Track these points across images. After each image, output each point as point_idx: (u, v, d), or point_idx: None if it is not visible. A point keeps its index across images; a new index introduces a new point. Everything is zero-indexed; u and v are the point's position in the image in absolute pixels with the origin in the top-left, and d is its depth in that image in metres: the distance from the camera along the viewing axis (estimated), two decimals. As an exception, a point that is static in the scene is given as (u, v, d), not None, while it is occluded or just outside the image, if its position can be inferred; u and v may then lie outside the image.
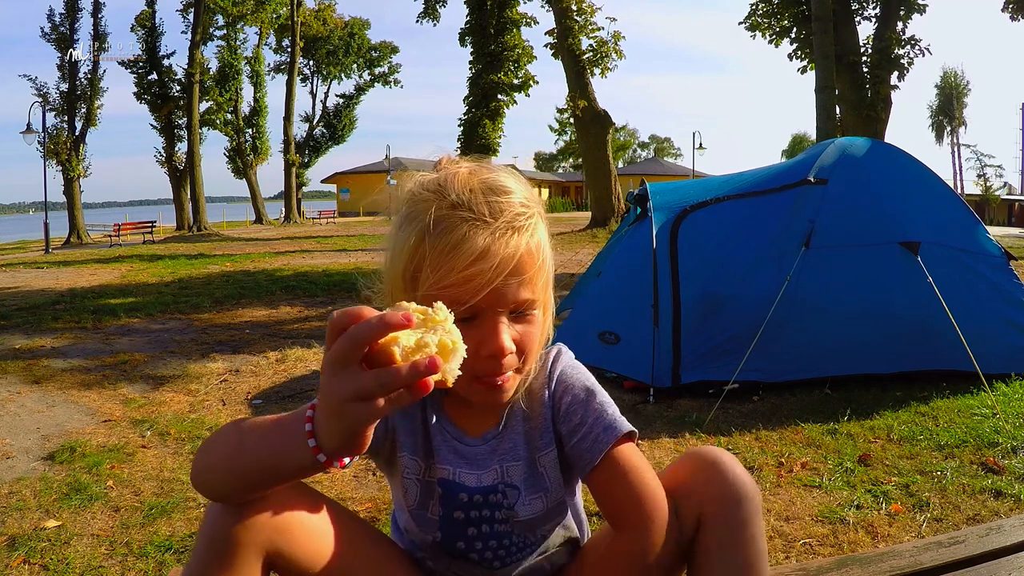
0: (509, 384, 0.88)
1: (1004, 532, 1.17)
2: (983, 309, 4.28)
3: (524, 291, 0.84)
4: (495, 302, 0.82)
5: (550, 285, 0.91)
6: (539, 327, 0.88)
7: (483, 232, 0.81)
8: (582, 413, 0.92)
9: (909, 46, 16.65)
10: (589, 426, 0.90)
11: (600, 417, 0.91)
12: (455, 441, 0.97)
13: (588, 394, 0.93)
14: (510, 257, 0.81)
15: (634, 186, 5.95)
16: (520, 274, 0.82)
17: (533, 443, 0.96)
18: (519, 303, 0.84)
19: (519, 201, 0.85)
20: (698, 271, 4.47)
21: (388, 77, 44.15)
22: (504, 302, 0.83)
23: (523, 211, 0.84)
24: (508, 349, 0.84)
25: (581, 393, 0.94)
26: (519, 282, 0.83)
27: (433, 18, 25.91)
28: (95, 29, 28.68)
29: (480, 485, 0.96)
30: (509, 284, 0.82)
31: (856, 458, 3.28)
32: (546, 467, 0.96)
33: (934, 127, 52.43)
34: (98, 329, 7.12)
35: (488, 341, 0.83)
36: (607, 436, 0.89)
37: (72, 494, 3.05)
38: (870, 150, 4.88)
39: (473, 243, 0.80)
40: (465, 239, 0.80)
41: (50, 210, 22.50)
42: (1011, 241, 13.41)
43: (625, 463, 0.87)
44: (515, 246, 0.82)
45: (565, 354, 1.01)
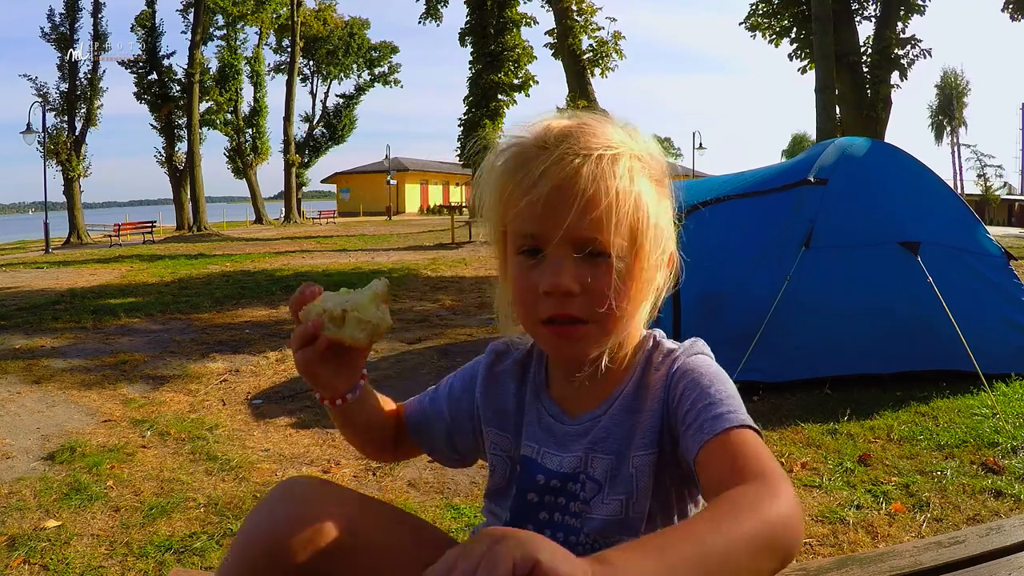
0: (579, 335, 0.81)
1: (1004, 532, 1.17)
2: (983, 309, 4.28)
3: (591, 228, 0.77)
4: (555, 233, 0.77)
5: (649, 241, 0.81)
6: (622, 278, 0.80)
7: (546, 157, 0.78)
8: (695, 396, 0.81)
9: (909, 46, 16.65)
10: (702, 409, 0.78)
11: (718, 403, 0.79)
12: (550, 418, 0.93)
13: (711, 381, 0.82)
14: (568, 181, 0.76)
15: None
16: (584, 205, 0.76)
17: (632, 439, 0.86)
18: (583, 239, 0.78)
19: (599, 137, 0.80)
20: (698, 271, 4.39)
21: (388, 77, 44.17)
22: (566, 235, 0.77)
23: (598, 145, 0.79)
24: (565, 286, 0.78)
25: (703, 379, 0.83)
26: (583, 215, 0.76)
27: (436, 18, 25.90)
28: (95, 29, 28.70)
29: (560, 470, 0.90)
30: (571, 215, 0.76)
31: (856, 458, 3.28)
32: (638, 468, 0.85)
33: (934, 127, 52.46)
34: (98, 329, 7.12)
35: (546, 276, 0.79)
36: (721, 422, 0.76)
37: (72, 494, 3.05)
38: (870, 150, 4.88)
39: (533, 166, 0.78)
40: (527, 163, 0.79)
41: (50, 210, 22.50)
42: (1011, 241, 13.42)
43: (743, 446, 0.73)
44: (573, 171, 0.76)
45: (699, 348, 0.91)
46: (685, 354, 0.88)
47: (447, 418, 1.01)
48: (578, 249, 0.78)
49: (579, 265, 0.79)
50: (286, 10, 36.26)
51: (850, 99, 15.70)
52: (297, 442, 3.75)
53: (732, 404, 0.79)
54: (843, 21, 15.57)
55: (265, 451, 3.63)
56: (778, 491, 0.63)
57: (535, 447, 0.93)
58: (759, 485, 0.64)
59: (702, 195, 4.87)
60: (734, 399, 0.80)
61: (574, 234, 0.77)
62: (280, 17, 36.53)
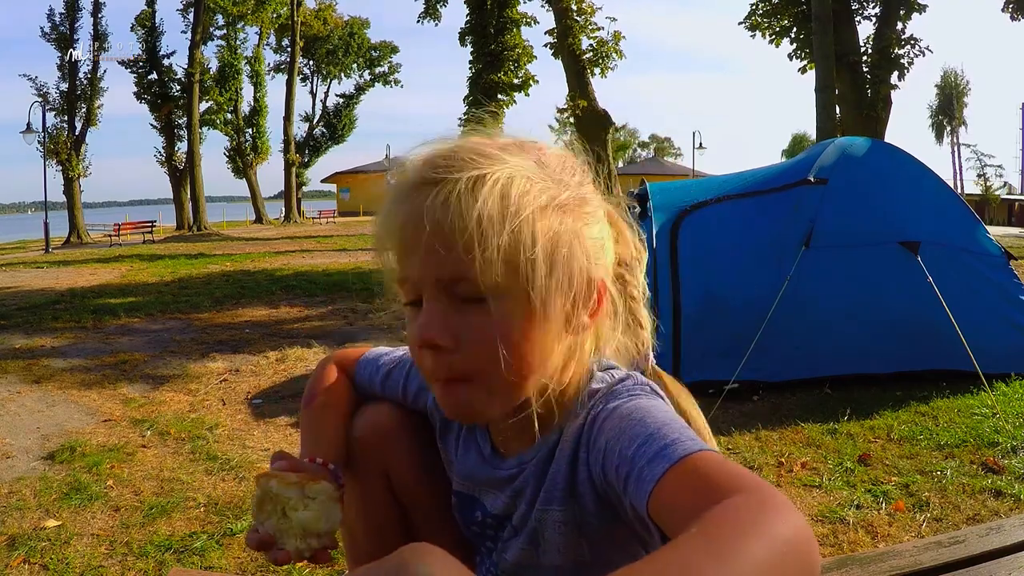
0: (463, 396, 0.69)
1: (1004, 532, 1.17)
2: (983, 309, 4.28)
3: (454, 266, 0.64)
4: (418, 276, 0.68)
5: (542, 275, 0.66)
6: (511, 324, 0.66)
7: (406, 192, 0.68)
8: (622, 446, 0.64)
9: (909, 46, 16.66)
10: (635, 456, 0.62)
11: (654, 440, 0.61)
12: (482, 459, 0.85)
13: (637, 421, 0.66)
14: (423, 213, 0.65)
15: (634, 186, 5.95)
16: (441, 238, 0.64)
17: (545, 492, 0.77)
18: (447, 280, 0.66)
19: (468, 159, 0.66)
20: (698, 271, 4.47)
21: (388, 77, 44.14)
22: (428, 277, 0.66)
23: (462, 167, 0.65)
24: (430, 338, 0.66)
25: (626, 424, 0.66)
26: (444, 250, 0.64)
27: (434, 18, 25.89)
28: (95, 29, 28.69)
29: (493, 511, 0.85)
30: (428, 251, 0.65)
31: (856, 458, 3.28)
32: (545, 524, 0.77)
33: (934, 127, 52.43)
34: (98, 329, 7.12)
35: (415, 327, 0.69)
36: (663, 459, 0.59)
37: (72, 494, 3.05)
38: (870, 150, 4.88)
39: (395, 205, 0.69)
40: (391, 202, 0.69)
41: (50, 210, 22.50)
42: (1011, 241, 13.41)
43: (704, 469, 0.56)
44: (429, 201, 0.65)
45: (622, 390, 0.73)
46: (603, 405, 0.72)
47: (400, 399, 0.97)
48: (448, 293, 0.67)
49: (453, 312, 0.67)
50: (286, 10, 36.24)
51: (850, 99, 15.69)
52: (297, 441, 3.74)
53: (672, 434, 0.62)
54: (843, 21, 15.57)
55: (265, 451, 3.63)
56: (776, 499, 0.49)
57: (471, 484, 0.87)
58: (748, 496, 0.49)
59: (702, 195, 4.87)
60: (673, 427, 0.63)
61: (437, 274, 0.66)
62: (280, 17, 36.51)
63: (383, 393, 0.97)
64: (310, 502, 0.79)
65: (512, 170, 0.67)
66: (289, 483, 0.79)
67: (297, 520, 0.78)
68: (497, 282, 0.65)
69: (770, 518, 0.46)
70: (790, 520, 0.46)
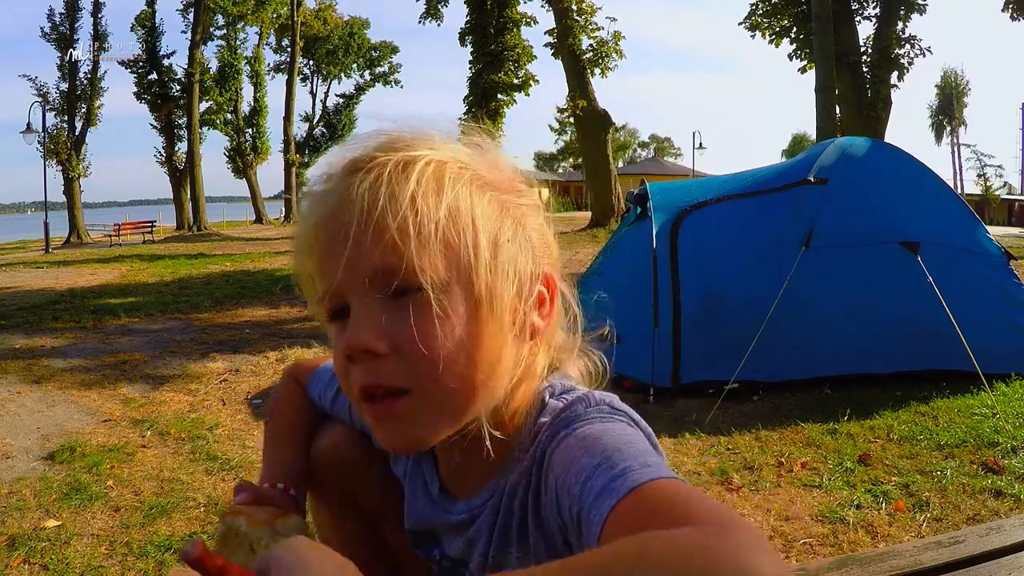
0: (400, 412, 0.59)
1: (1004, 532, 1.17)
2: (983, 309, 4.28)
3: (386, 253, 0.56)
4: (346, 276, 0.58)
5: (486, 264, 0.59)
6: (451, 323, 0.57)
7: (329, 189, 0.61)
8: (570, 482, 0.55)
9: (909, 46, 16.67)
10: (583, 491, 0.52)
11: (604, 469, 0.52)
12: (431, 502, 0.76)
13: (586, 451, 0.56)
14: (346, 203, 0.57)
15: (634, 186, 5.95)
16: (368, 224, 0.56)
17: (491, 539, 0.68)
18: (378, 270, 0.57)
19: (395, 148, 0.60)
20: (698, 271, 4.47)
21: (388, 77, 44.15)
22: (356, 273, 0.57)
23: (389, 153, 0.59)
24: (361, 342, 0.57)
25: (576, 455, 0.56)
26: (372, 239, 0.56)
27: (436, 18, 25.92)
28: (95, 29, 28.70)
29: (450, 553, 0.75)
30: (353, 241, 0.57)
31: (856, 458, 3.28)
32: (506, 564, 0.67)
33: (934, 127, 52.44)
34: (98, 329, 7.12)
35: (343, 336, 0.59)
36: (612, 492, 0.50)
37: (72, 494, 3.05)
38: (870, 150, 4.89)
39: (316, 205, 0.61)
40: (312, 205, 0.62)
41: (50, 210, 22.50)
42: (1011, 241, 13.41)
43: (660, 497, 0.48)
44: (352, 189, 0.57)
45: (574, 416, 0.61)
46: (552, 438, 0.61)
47: (349, 423, 0.90)
48: (380, 290, 0.57)
49: (386, 312, 0.57)
50: (286, 10, 36.24)
51: (850, 99, 15.71)
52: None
53: (622, 462, 0.51)
54: (843, 21, 15.58)
55: (265, 451, 3.63)
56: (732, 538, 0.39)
57: (425, 524, 0.78)
58: (698, 529, 0.41)
59: (702, 195, 4.88)
60: (624, 453, 0.53)
61: (365, 267, 0.57)
62: (280, 17, 36.51)
63: (332, 413, 0.91)
64: (281, 539, 0.73)
65: (445, 153, 0.61)
66: (258, 522, 0.74)
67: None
68: (437, 270, 0.57)
69: (714, 558, 0.38)
70: (744, 562, 0.37)
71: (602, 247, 7.14)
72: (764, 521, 2.69)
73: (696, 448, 3.52)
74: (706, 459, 3.36)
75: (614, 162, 22.62)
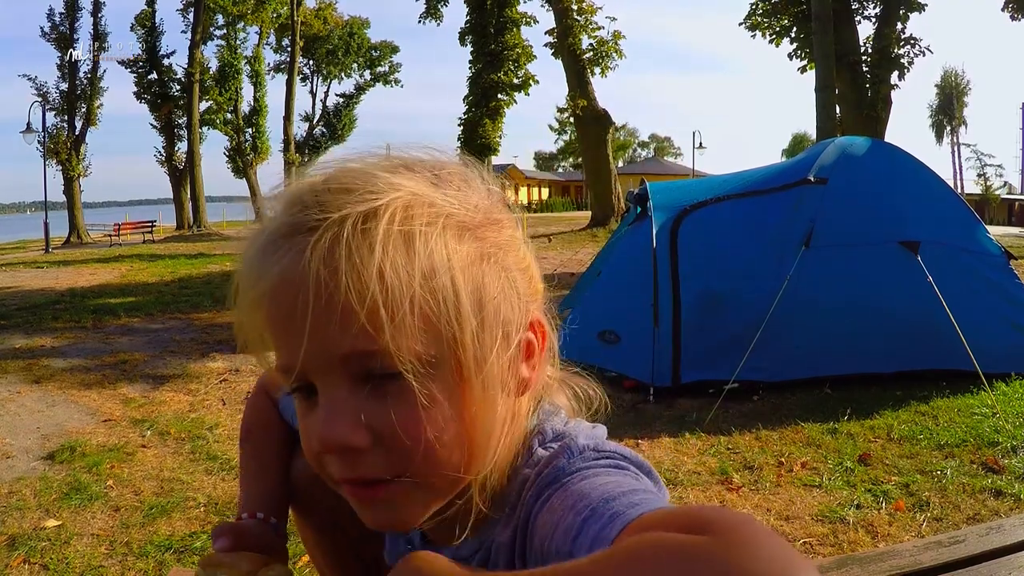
0: (387, 497, 0.53)
1: (1004, 532, 1.17)
2: (983, 309, 4.28)
3: (357, 340, 0.48)
4: (309, 360, 0.50)
5: (472, 328, 0.51)
6: (440, 400, 0.51)
7: (273, 246, 0.51)
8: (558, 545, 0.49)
9: (909, 45, 16.68)
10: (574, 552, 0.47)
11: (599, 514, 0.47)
12: (408, 542, 0.70)
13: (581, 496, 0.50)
14: (298, 278, 0.48)
15: (634, 185, 5.96)
16: (330, 307, 0.47)
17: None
18: (350, 359, 0.49)
19: (347, 191, 0.50)
20: (698, 270, 4.47)
21: (388, 77, 44.15)
22: (320, 359, 0.50)
23: (341, 206, 0.49)
24: (340, 440, 0.50)
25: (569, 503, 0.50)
26: (339, 324, 0.48)
27: (436, 18, 25.93)
28: (95, 29, 28.70)
29: None
30: (314, 328, 0.48)
31: (856, 458, 3.28)
32: None
33: (934, 127, 52.45)
34: (98, 329, 7.12)
35: (315, 429, 0.52)
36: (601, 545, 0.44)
37: (72, 494, 3.05)
38: (870, 149, 4.89)
39: (260, 266, 0.52)
40: (253, 263, 0.52)
41: (50, 210, 22.51)
42: (1011, 241, 13.41)
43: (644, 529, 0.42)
44: (303, 259, 0.48)
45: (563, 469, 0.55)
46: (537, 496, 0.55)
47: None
48: (350, 375, 0.50)
49: (363, 400, 0.50)
50: (286, 9, 36.24)
51: (850, 99, 15.71)
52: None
53: (611, 508, 0.46)
54: (843, 21, 15.58)
55: (265, 451, 3.63)
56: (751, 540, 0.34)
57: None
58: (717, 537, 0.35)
59: (702, 195, 4.88)
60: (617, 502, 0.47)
61: (332, 351, 0.49)
62: (280, 16, 36.51)
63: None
64: None
65: (408, 197, 0.50)
66: (241, 574, 0.71)
67: None
68: (416, 352, 0.49)
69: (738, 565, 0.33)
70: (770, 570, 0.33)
71: (602, 247, 7.15)
72: (764, 521, 2.69)
73: (696, 448, 3.52)
74: (706, 459, 3.36)
75: (614, 162, 22.62)
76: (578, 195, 52.65)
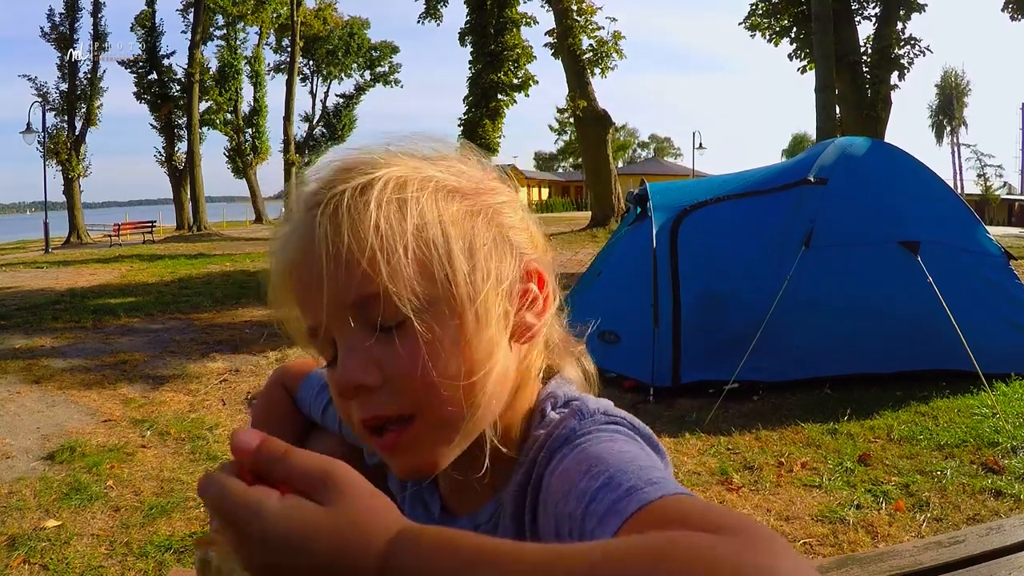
0: (409, 441, 0.58)
1: (1004, 532, 1.17)
2: (983, 309, 4.28)
3: (360, 288, 0.56)
4: (326, 314, 0.57)
5: (464, 275, 0.57)
6: (443, 342, 0.56)
7: (291, 227, 0.60)
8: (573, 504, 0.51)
9: (909, 46, 16.69)
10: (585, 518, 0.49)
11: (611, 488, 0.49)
12: (427, 515, 0.73)
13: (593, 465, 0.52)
14: (310, 241, 0.57)
15: (634, 186, 5.96)
16: (336, 261, 0.55)
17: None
18: (357, 306, 0.56)
19: (348, 171, 0.59)
20: (698, 271, 4.47)
21: (388, 77, 44.16)
22: (334, 311, 0.57)
23: (341, 180, 0.58)
24: (352, 378, 0.56)
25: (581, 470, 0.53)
26: (345, 275, 0.55)
27: (435, 18, 25.93)
28: (95, 29, 28.70)
29: None
30: (326, 281, 0.56)
31: (856, 458, 3.28)
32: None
33: (934, 127, 52.46)
34: (98, 329, 7.12)
35: (334, 375, 0.59)
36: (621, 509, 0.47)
37: (72, 494, 3.05)
38: (870, 150, 4.89)
39: (283, 245, 0.61)
40: (279, 247, 0.62)
41: (50, 210, 22.51)
42: (1011, 241, 13.41)
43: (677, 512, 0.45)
44: (314, 225, 0.57)
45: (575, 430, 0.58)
46: (550, 455, 0.59)
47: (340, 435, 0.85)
48: (361, 324, 0.57)
49: (373, 345, 0.56)
50: (286, 10, 36.26)
51: (850, 99, 15.72)
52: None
53: (627, 481, 0.49)
54: (843, 21, 15.59)
55: (265, 451, 3.64)
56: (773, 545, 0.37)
57: None
58: (731, 538, 0.37)
59: (702, 195, 4.88)
60: (629, 473, 0.50)
61: (344, 303, 0.56)
62: (280, 17, 36.54)
63: (322, 424, 0.87)
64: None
65: (403, 171, 0.58)
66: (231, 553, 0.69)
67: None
68: (415, 294, 0.55)
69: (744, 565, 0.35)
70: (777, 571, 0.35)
71: (602, 247, 7.15)
72: (764, 521, 2.69)
73: (696, 448, 3.52)
74: (706, 459, 3.36)
75: (614, 162, 22.63)
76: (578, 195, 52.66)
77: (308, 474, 0.44)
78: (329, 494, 0.44)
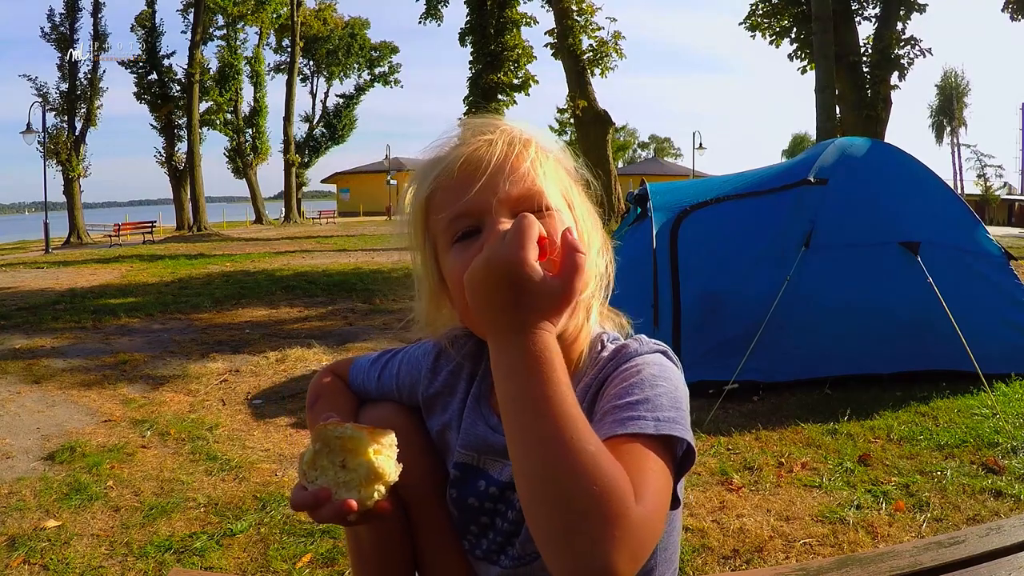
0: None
1: (1004, 532, 1.17)
2: (983, 309, 4.28)
3: (524, 182, 0.79)
4: (489, 200, 0.78)
5: (580, 207, 0.86)
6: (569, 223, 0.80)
7: (461, 146, 0.83)
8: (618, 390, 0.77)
9: (909, 46, 16.69)
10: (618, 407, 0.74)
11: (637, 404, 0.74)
12: (489, 429, 0.91)
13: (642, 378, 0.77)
14: (487, 152, 0.80)
15: (634, 186, 5.96)
16: (509, 166, 0.79)
17: None
18: (519, 198, 0.78)
19: (508, 128, 0.84)
20: (698, 271, 4.47)
21: (388, 77, 44.16)
22: (502, 202, 0.78)
23: (495, 127, 0.84)
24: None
25: (632, 373, 0.79)
26: (511, 174, 0.79)
27: (436, 18, 25.93)
28: (95, 29, 28.67)
29: (500, 479, 0.89)
30: (500, 177, 0.78)
31: (856, 458, 3.28)
32: None
33: (934, 127, 52.44)
34: (98, 329, 7.12)
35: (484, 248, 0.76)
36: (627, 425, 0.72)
37: (72, 494, 3.05)
38: (870, 150, 4.89)
39: (450, 155, 0.83)
40: (443, 157, 0.83)
41: (50, 210, 22.49)
42: (1011, 241, 13.42)
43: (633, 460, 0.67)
44: (492, 144, 0.80)
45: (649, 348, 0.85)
46: (625, 356, 0.83)
47: (396, 397, 1.02)
48: (522, 209, 0.77)
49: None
50: (286, 10, 36.25)
51: (850, 99, 15.72)
52: (297, 442, 3.74)
53: (646, 411, 0.73)
54: (843, 21, 15.59)
55: (265, 451, 3.63)
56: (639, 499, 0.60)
57: (475, 455, 0.92)
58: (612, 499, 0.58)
59: (702, 195, 4.87)
60: (654, 403, 0.74)
61: (509, 195, 0.78)
62: (280, 17, 36.52)
63: (378, 393, 1.04)
64: (382, 448, 0.78)
65: (543, 142, 0.86)
66: (360, 427, 0.78)
67: (365, 469, 0.76)
68: (557, 197, 0.81)
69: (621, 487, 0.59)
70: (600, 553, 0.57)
71: (602, 247, 7.14)
72: (764, 521, 2.69)
73: (696, 448, 3.52)
74: (706, 459, 3.36)
75: (614, 162, 22.62)
76: (578, 195, 52.47)
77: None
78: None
